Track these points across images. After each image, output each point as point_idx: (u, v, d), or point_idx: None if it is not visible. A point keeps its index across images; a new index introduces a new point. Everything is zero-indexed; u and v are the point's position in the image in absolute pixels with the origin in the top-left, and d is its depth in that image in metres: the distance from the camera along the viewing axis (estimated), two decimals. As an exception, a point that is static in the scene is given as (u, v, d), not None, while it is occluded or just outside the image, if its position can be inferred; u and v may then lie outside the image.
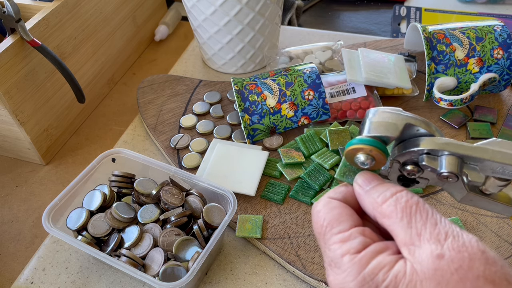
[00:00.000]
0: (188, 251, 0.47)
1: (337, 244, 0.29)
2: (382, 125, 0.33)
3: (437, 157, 0.33)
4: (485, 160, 0.32)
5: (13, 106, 0.57)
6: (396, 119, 0.33)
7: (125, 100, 0.76)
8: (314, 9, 0.97)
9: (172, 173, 0.53)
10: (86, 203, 0.51)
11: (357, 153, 0.33)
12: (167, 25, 0.87)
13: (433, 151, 0.32)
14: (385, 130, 0.33)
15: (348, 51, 0.66)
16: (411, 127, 0.33)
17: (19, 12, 0.56)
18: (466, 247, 0.25)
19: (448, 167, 0.32)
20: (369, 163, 0.33)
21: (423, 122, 0.33)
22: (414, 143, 0.33)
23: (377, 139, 0.33)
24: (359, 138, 0.33)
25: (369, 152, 0.33)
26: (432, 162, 0.33)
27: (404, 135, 0.34)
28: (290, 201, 0.55)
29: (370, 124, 0.34)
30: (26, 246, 0.56)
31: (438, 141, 0.32)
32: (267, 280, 0.49)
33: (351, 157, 0.34)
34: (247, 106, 0.60)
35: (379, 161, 0.33)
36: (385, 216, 0.29)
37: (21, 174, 0.64)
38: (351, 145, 0.34)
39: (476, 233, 0.50)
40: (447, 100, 0.59)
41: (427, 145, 0.32)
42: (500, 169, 0.32)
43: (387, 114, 0.34)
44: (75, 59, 0.67)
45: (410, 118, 0.33)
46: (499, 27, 0.61)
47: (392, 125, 0.33)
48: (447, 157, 0.32)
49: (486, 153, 0.32)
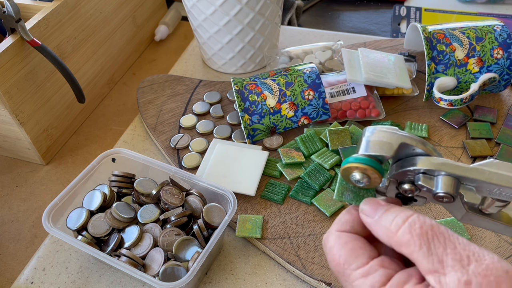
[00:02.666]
0: (188, 251, 0.47)
1: (360, 280, 0.29)
2: (377, 144, 0.33)
3: (433, 177, 0.33)
4: (481, 181, 0.31)
5: (13, 106, 0.57)
6: (391, 139, 0.33)
7: (125, 100, 0.76)
8: (314, 9, 0.97)
9: (172, 173, 0.53)
10: (86, 203, 0.51)
11: (352, 171, 0.34)
12: (167, 25, 0.87)
13: (429, 171, 0.32)
14: (380, 149, 0.33)
15: (348, 51, 0.66)
16: (407, 147, 0.33)
17: (19, 12, 0.56)
18: (491, 270, 0.25)
19: (443, 188, 0.32)
20: (365, 181, 0.34)
21: (419, 142, 0.33)
22: (410, 162, 0.33)
23: (373, 158, 0.33)
24: (354, 157, 0.34)
25: (364, 171, 0.33)
26: (428, 181, 0.33)
27: (401, 154, 0.34)
28: (290, 201, 0.55)
29: (366, 142, 0.34)
30: (26, 246, 0.56)
31: (434, 161, 0.32)
32: (267, 280, 0.49)
33: (347, 176, 0.35)
34: (247, 106, 0.60)
35: (374, 179, 0.34)
36: (402, 245, 0.28)
37: (21, 174, 0.64)
38: (347, 163, 0.34)
39: (476, 233, 0.50)
40: (447, 100, 0.59)
41: (423, 165, 0.32)
42: (497, 190, 0.32)
43: (383, 133, 0.34)
44: (75, 59, 0.67)
45: (405, 138, 0.33)
46: (499, 27, 0.61)
47: (387, 144, 0.33)
48: (443, 178, 0.32)
49: (483, 174, 0.31)
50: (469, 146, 0.59)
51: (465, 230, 0.50)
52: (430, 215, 0.52)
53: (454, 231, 0.50)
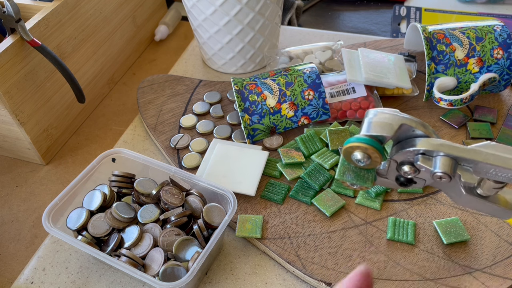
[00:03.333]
0: (188, 251, 0.47)
1: None
2: (378, 125, 0.34)
3: (432, 158, 0.34)
4: (478, 162, 0.32)
5: (13, 106, 0.57)
6: (392, 120, 0.34)
7: (125, 100, 0.76)
8: (314, 9, 0.97)
9: (172, 173, 0.53)
10: (86, 203, 0.51)
11: (354, 151, 0.35)
12: (167, 25, 0.87)
13: (428, 152, 0.33)
14: (381, 129, 0.34)
15: (348, 51, 0.66)
16: (407, 128, 0.34)
17: (19, 12, 0.56)
18: None
19: (441, 167, 0.33)
20: (365, 161, 0.35)
21: (419, 124, 0.34)
22: (410, 143, 0.34)
23: (374, 138, 0.34)
24: (356, 137, 0.35)
25: (365, 150, 0.34)
26: (426, 162, 0.34)
27: (401, 136, 0.35)
28: (290, 201, 0.55)
29: (368, 124, 0.35)
30: (26, 246, 0.56)
31: (433, 142, 0.33)
32: (267, 280, 0.49)
33: (348, 155, 0.36)
34: (247, 106, 0.60)
35: (374, 159, 0.35)
36: None
37: (21, 174, 0.64)
38: (349, 143, 0.35)
39: (476, 233, 0.50)
40: (447, 100, 0.59)
41: (422, 146, 0.33)
42: (493, 171, 0.32)
43: (384, 115, 0.35)
44: (75, 59, 0.67)
45: (405, 119, 0.34)
46: (499, 27, 0.61)
47: (388, 125, 0.34)
48: (442, 158, 0.33)
49: (479, 155, 0.32)
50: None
51: (465, 230, 0.50)
52: (430, 215, 0.52)
53: (455, 232, 0.50)
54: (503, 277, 0.46)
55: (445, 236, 0.49)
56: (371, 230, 0.52)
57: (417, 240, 0.50)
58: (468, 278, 0.47)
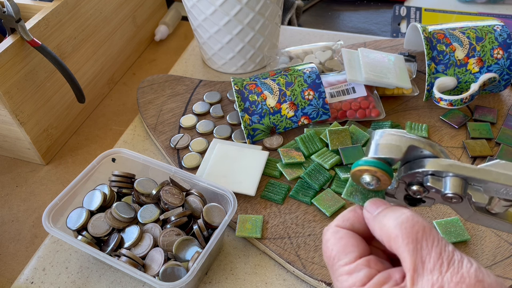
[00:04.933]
0: (188, 251, 0.47)
1: (344, 276, 0.30)
2: (386, 147, 0.34)
3: (441, 178, 0.33)
4: (488, 181, 0.32)
5: (13, 106, 0.57)
6: (400, 141, 0.34)
7: (125, 100, 0.76)
8: (314, 9, 0.97)
9: (172, 173, 0.53)
10: (86, 203, 0.51)
11: (362, 174, 0.34)
12: (167, 25, 0.87)
13: (437, 172, 0.33)
14: (389, 152, 0.34)
15: (348, 51, 0.66)
16: (415, 149, 0.34)
17: (19, 12, 0.56)
18: (464, 279, 0.26)
19: (452, 189, 0.33)
20: (374, 184, 0.34)
21: (427, 144, 0.34)
22: (419, 164, 0.34)
23: (382, 160, 0.34)
24: (364, 160, 0.34)
25: (374, 174, 0.34)
26: (436, 183, 0.33)
27: (409, 156, 0.35)
28: (290, 201, 0.55)
29: (375, 146, 0.35)
30: (26, 246, 0.56)
31: (442, 163, 0.33)
32: (267, 280, 0.49)
33: (357, 178, 0.35)
34: (247, 106, 0.60)
35: (383, 182, 0.34)
36: (391, 240, 0.29)
37: (21, 174, 0.64)
38: (357, 166, 0.35)
39: (476, 233, 0.50)
40: (447, 100, 0.59)
41: (431, 167, 0.33)
42: (504, 190, 0.33)
43: (391, 136, 0.35)
44: (75, 59, 0.67)
45: (413, 140, 0.34)
46: (499, 27, 0.61)
47: (396, 147, 0.34)
48: (451, 179, 0.33)
49: (490, 175, 0.32)
50: (469, 146, 0.59)
51: (465, 230, 0.50)
52: (430, 214, 0.52)
53: (455, 232, 0.50)
54: (503, 277, 0.46)
55: (445, 236, 0.49)
56: (371, 230, 0.51)
57: (417, 240, 0.50)
58: (468, 278, 0.47)
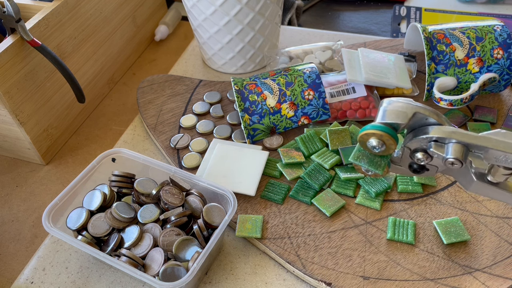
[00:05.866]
0: (188, 251, 0.47)
1: None
2: (393, 113, 0.36)
3: (444, 145, 0.36)
4: (488, 148, 0.34)
5: (13, 106, 0.57)
6: (406, 108, 0.36)
7: (125, 100, 0.76)
8: (314, 9, 0.97)
9: (172, 173, 0.53)
10: (86, 203, 0.51)
11: (369, 138, 0.36)
12: (167, 25, 0.87)
13: (440, 139, 0.35)
14: (395, 117, 0.36)
15: (348, 51, 0.66)
16: (420, 117, 0.36)
17: (19, 12, 0.56)
18: None
19: (453, 154, 0.34)
20: (380, 147, 0.36)
21: (432, 112, 0.37)
22: (424, 131, 0.36)
23: (388, 125, 0.36)
24: (371, 124, 0.36)
25: (380, 137, 0.36)
26: (439, 149, 0.35)
27: (415, 124, 0.37)
28: (290, 201, 0.55)
29: (383, 112, 0.37)
30: (26, 246, 0.56)
31: (446, 130, 0.35)
32: (267, 280, 0.49)
33: (364, 142, 0.37)
34: (247, 106, 0.60)
35: (389, 146, 0.36)
36: None
37: (21, 174, 0.64)
38: (364, 130, 0.36)
39: (476, 233, 0.50)
40: (447, 100, 0.59)
41: (435, 133, 0.35)
42: (503, 157, 0.34)
43: (398, 103, 0.37)
44: (75, 59, 0.67)
45: (419, 108, 0.36)
46: (499, 27, 0.61)
47: (402, 113, 0.36)
48: (453, 145, 0.35)
49: (490, 142, 0.34)
50: (469, 146, 0.59)
51: (465, 230, 0.50)
52: (430, 215, 0.52)
53: (455, 232, 0.50)
54: (503, 277, 0.46)
55: (445, 236, 0.49)
56: (371, 230, 0.52)
57: (417, 240, 0.50)
58: (468, 278, 0.47)
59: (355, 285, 0.47)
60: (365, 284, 0.47)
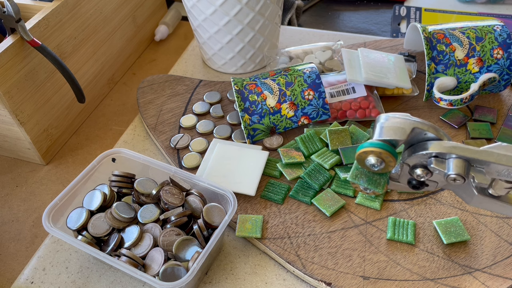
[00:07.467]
0: (188, 251, 0.47)
1: None
2: (391, 129, 0.35)
3: (444, 160, 0.34)
4: (490, 162, 0.33)
5: (13, 106, 0.57)
6: (404, 124, 0.35)
7: (125, 100, 0.76)
8: (314, 9, 0.97)
9: (172, 173, 0.53)
10: (86, 203, 0.51)
11: (367, 156, 0.35)
12: (167, 25, 0.87)
13: (440, 154, 0.34)
14: (393, 133, 0.35)
15: (348, 51, 0.66)
16: (419, 132, 0.35)
17: (19, 12, 0.56)
18: None
19: (455, 169, 0.33)
20: (379, 165, 0.35)
21: (430, 127, 0.35)
22: (423, 146, 0.35)
23: (387, 142, 0.35)
24: (369, 142, 0.35)
25: (379, 155, 0.35)
26: (440, 164, 0.34)
27: (413, 140, 0.36)
28: (290, 201, 0.55)
29: (380, 128, 0.36)
30: (26, 246, 0.56)
31: (446, 145, 0.34)
32: (267, 280, 0.49)
33: (362, 160, 0.36)
34: (247, 106, 0.60)
35: (388, 163, 0.35)
36: None
37: (21, 174, 0.64)
38: (362, 148, 0.35)
39: (476, 233, 0.50)
40: (447, 100, 0.60)
41: (435, 149, 0.34)
42: (505, 171, 0.33)
43: (396, 119, 0.35)
44: (75, 59, 0.67)
45: (417, 123, 0.35)
46: (499, 27, 0.61)
47: (400, 129, 0.35)
48: (454, 160, 0.34)
49: (492, 156, 0.33)
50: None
51: (465, 230, 0.50)
52: (430, 214, 0.52)
53: (455, 232, 0.50)
54: (503, 277, 0.46)
55: (445, 236, 0.49)
56: (371, 230, 0.52)
57: (417, 240, 0.50)
58: (468, 278, 0.47)
59: (355, 285, 0.47)
60: (365, 284, 0.47)
